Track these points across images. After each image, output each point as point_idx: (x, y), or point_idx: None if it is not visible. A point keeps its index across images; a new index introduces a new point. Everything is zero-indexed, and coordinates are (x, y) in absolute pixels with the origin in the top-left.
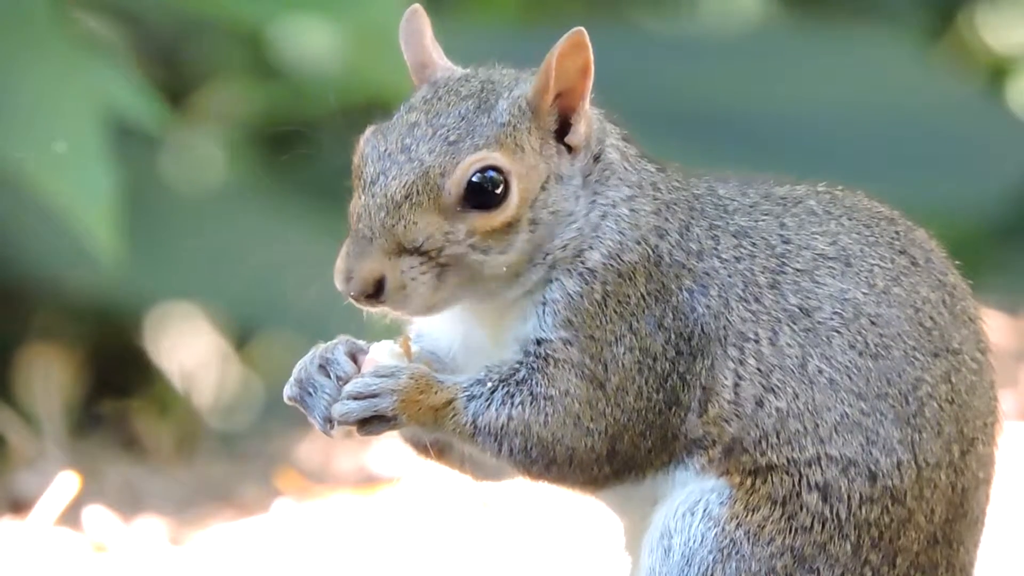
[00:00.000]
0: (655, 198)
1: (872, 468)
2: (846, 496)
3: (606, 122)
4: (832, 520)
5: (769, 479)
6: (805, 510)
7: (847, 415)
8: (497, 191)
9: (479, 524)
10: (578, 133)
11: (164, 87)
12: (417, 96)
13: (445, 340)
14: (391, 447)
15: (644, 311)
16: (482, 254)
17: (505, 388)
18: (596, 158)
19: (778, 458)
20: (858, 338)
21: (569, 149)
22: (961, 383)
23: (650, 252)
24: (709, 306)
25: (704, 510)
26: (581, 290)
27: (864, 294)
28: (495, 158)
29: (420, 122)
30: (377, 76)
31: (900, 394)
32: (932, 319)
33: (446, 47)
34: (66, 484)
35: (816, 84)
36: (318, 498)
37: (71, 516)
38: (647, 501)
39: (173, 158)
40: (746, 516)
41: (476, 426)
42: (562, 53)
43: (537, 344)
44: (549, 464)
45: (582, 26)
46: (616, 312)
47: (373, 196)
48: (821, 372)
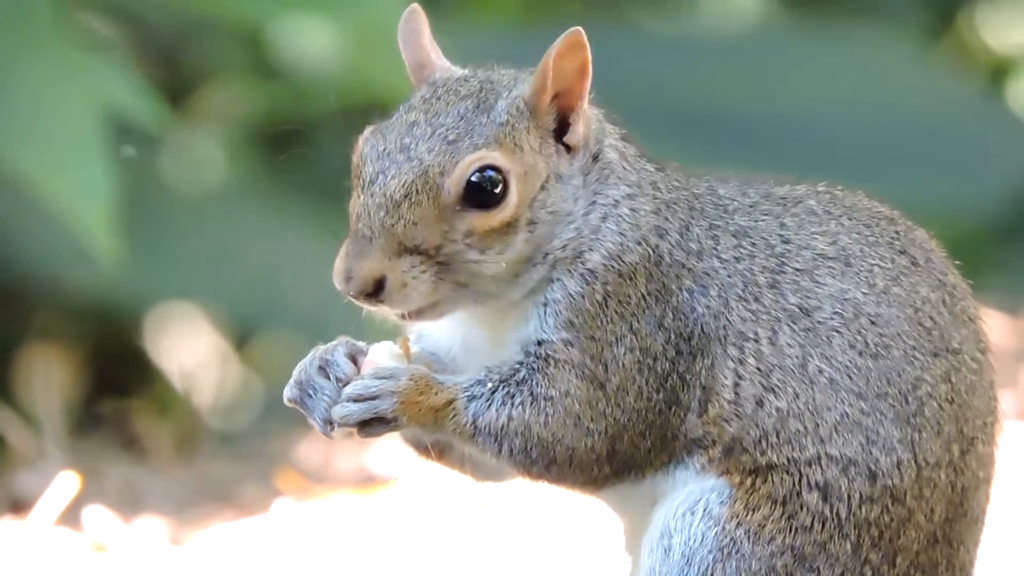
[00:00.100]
0: (655, 197)
1: (872, 467)
2: (846, 495)
3: (605, 122)
4: (832, 519)
5: (769, 478)
6: (805, 509)
7: (847, 415)
8: (496, 191)
9: (479, 524)
10: (576, 133)
11: (164, 87)
12: (416, 96)
13: (445, 341)
14: (391, 447)
15: (644, 311)
16: (481, 253)
17: (505, 388)
18: (595, 158)
19: (778, 458)
20: (858, 338)
21: (568, 149)
22: (961, 383)
23: (650, 252)
24: (709, 306)
25: (704, 509)
26: (582, 291)
27: (864, 294)
28: (494, 157)
29: (419, 122)
30: (377, 76)
31: (900, 394)
32: (932, 319)
33: (446, 47)
34: (66, 484)
35: (816, 84)
36: (318, 498)
37: (71, 516)
38: (647, 501)
39: (173, 158)
40: (746, 515)
41: (476, 426)
42: (559, 53)
43: (538, 345)
44: (549, 464)
45: (581, 26)
46: (617, 312)
47: (372, 196)
48: (821, 372)
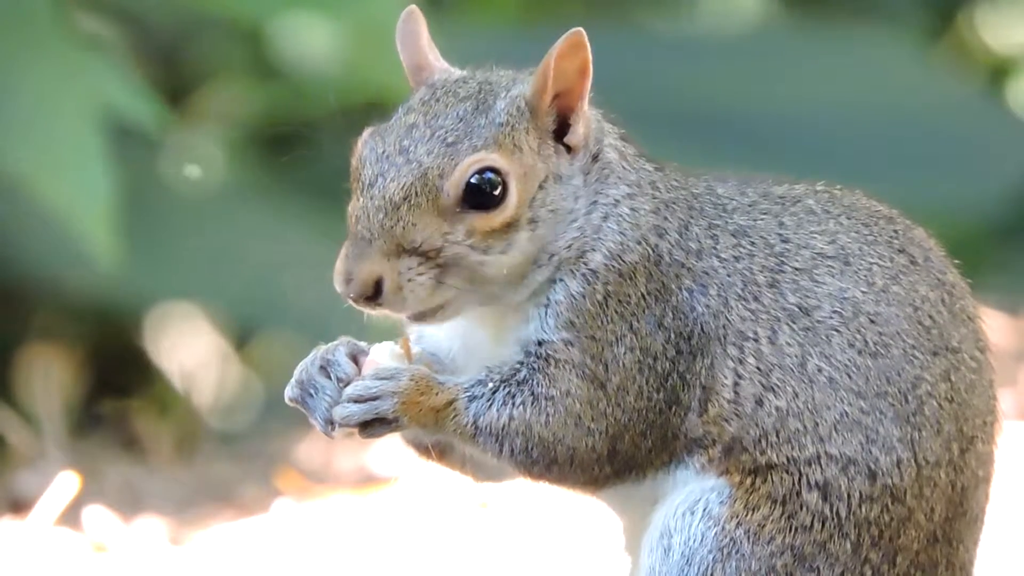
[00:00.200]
0: (654, 197)
1: (872, 466)
2: (846, 495)
3: (604, 121)
4: (832, 519)
5: (769, 478)
6: (805, 509)
7: (846, 414)
8: (495, 192)
9: (478, 525)
10: (577, 133)
11: (164, 87)
12: (415, 98)
13: (445, 341)
14: (391, 447)
15: (644, 311)
16: (482, 254)
17: (506, 388)
18: (595, 157)
19: (778, 457)
20: (857, 337)
21: (568, 149)
22: (960, 381)
23: (650, 252)
24: (708, 305)
25: (704, 509)
26: (584, 291)
27: (863, 293)
28: (493, 159)
29: (418, 124)
30: (377, 75)
31: (899, 392)
32: (931, 317)
33: (446, 48)
34: (66, 484)
35: (816, 84)
36: (318, 498)
37: (71, 516)
38: (647, 501)
39: (173, 158)
40: (746, 515)
41: (477, 426)
42: (560, 54)
43: (538, 345)
44: (550, 464)
45: (582, 26)
46: (617, 312)
47: (371, 198)
48: (820, 371)
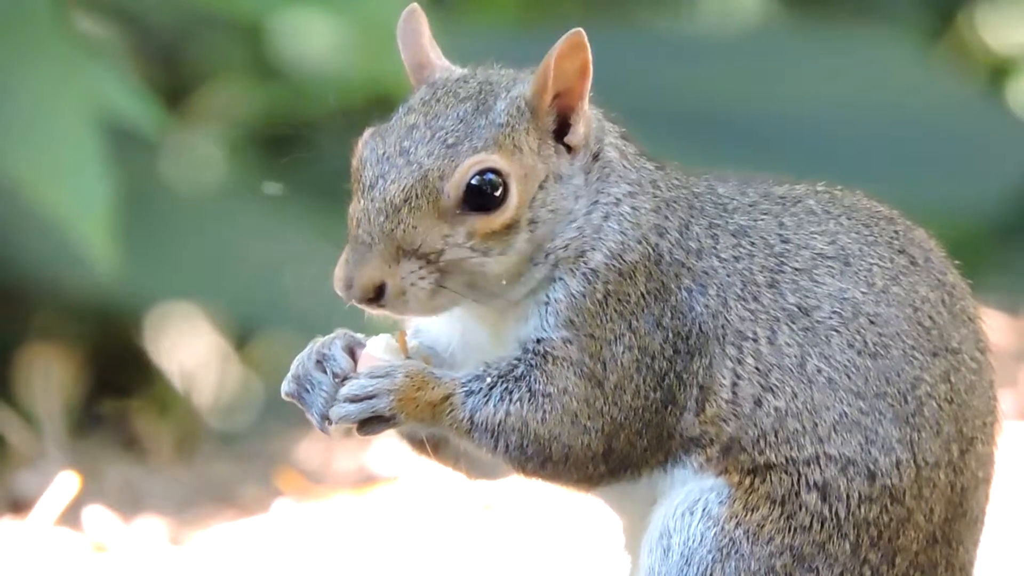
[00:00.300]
0: (655, 196)
1: (871, 467)
2: (845, 495)
3: (604, 121)
4: (831, 519)
5: (768, 478)
6: (804, 509)
7: (846, 414)
8: (496, 193)
9: (479, 525)
10: (577, 133)
11: (164, 87)
12: (415, 98)
13: (444, 337)
14: (391, 447)
15: (643, 310)
16: (482, 256)
17: (504, 384)
18: (595, 157)
19: (777, 457)
20: (857, 337)
21: (568, 149)
22: (960, 382)
23: (650, 251)
24: (707, 305)
25: (703, 509)
26: (584, 290)
27: (863, 293)
28: (494, 160)
29: (419, 124)
30: (378, 74)
31: (899, 393)
32: (931, 318)
33: (446, 47)
34: (66, 484)
35: (816, 84)
36: (318, 498)
37: (71, 516)
38: (646, 500)
39: (173, 158)
40: (745, 515)
41: (473, 422)
42: (560, 54)
43: (537, 342)
44: (544, 462)
45: (582, 26)
46: (616, 311)
47: (372, 200)
48: (820, 371)
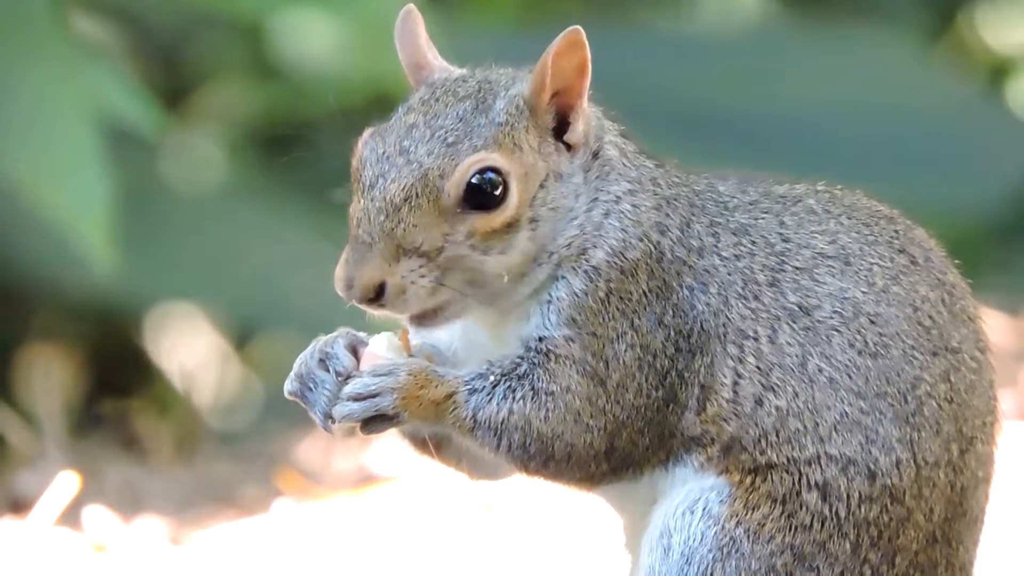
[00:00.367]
0: (655, 193)
1: (871, 467)
2: (845, 495)
3: (604, 119)
4: (831, 519)
5: (769, 477)
6: (805, 509)
7: (846, 414)
8: (496, 192)
9: (479, 525)
10: (576, 131)
11: (164, 87)
12: (415, 97)
13: (446, 336)
14: (391, 447)
15: (645, 308)
16: (483, 254)
17: (507, 383)
18: (595, 155)
19: (778, 457)
20: (857, 337)
21: (568, 147)
22: (960, 382)
23: (652, 248)
24: (709, 304)
25: (704, 508)
26: (586, 288)
27: (863, 293)
28: (493, 159)
29: (418, 124)
30: (378, 74)
31: (899, 393)
32: (931, 318)
33: (445, 47)
34: (66, 484)
35: (816, 84)
36: (318, 498)
37: (71, 516)
38: (647, 499)
39: (173, 158)
40: (746, 514)
41: (476, 420)
42: (558, 52)
43: (539, 341)
44: (547, 460)
45: (581, 25)
46: (618, 309)
47: (372, 200)
48: (821, 371)
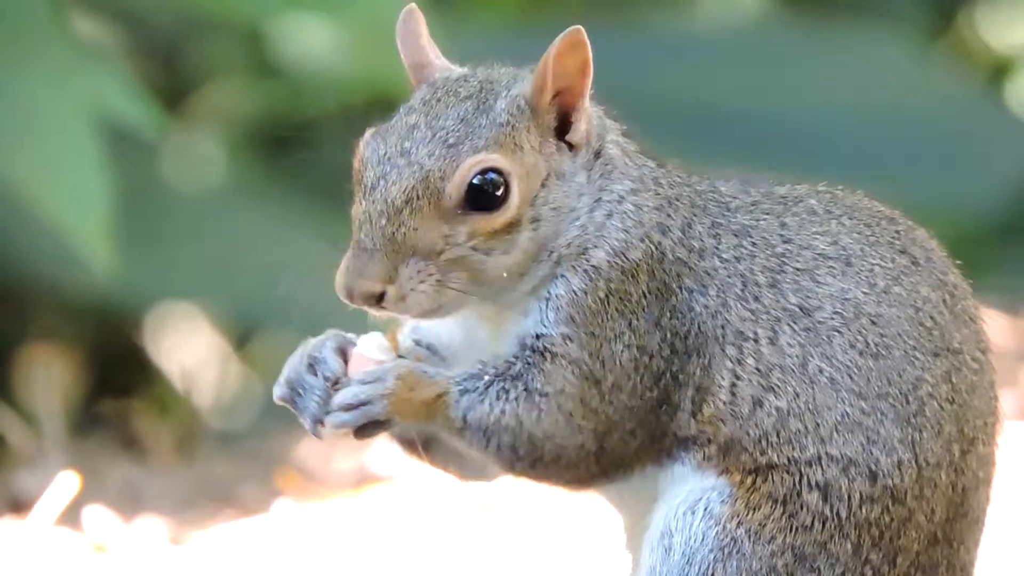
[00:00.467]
0: (657, 193)
1: (872, 467)
2: (847, 495)
3: (605, 118)
4: (833, 519)
5: (770, 478)
6: (806, 509)
7: (848, 414)
8: (498, 193)
9: (479, 525)
10: (578, 131)
11: (164, 87)
12: (416, 97)
13: (445, 334)
14: (390, 447)
15: (644, 309)
16: (484, 255)
17: (500, 383)
18: (597, 154)
19: (778, 457)
20: (858, 337)
21: (570, 146)
22: (962, 383)
23: (653, 249)
24: (707, 306)
25: (705, 509)
26: (585, 287)
27: (864, 293)
28: (495, 159)
29: (419, 124)
30: (378, 74)
31: (900, 393)
32: (932, 318)
33: (447, 47)
34: (66, 484)
35: (816, 84)
36: (318, 498)
37: (71, 516)
38: (647, 498)
39: (173, 158)
40: (747, 515)
41: (466, 420)
42: (559, 52)
43: (536, 338)
44: (535, 461)
45: (582, 25)
46: (617, 310)
47: (374, 202)
48: (821, 371)
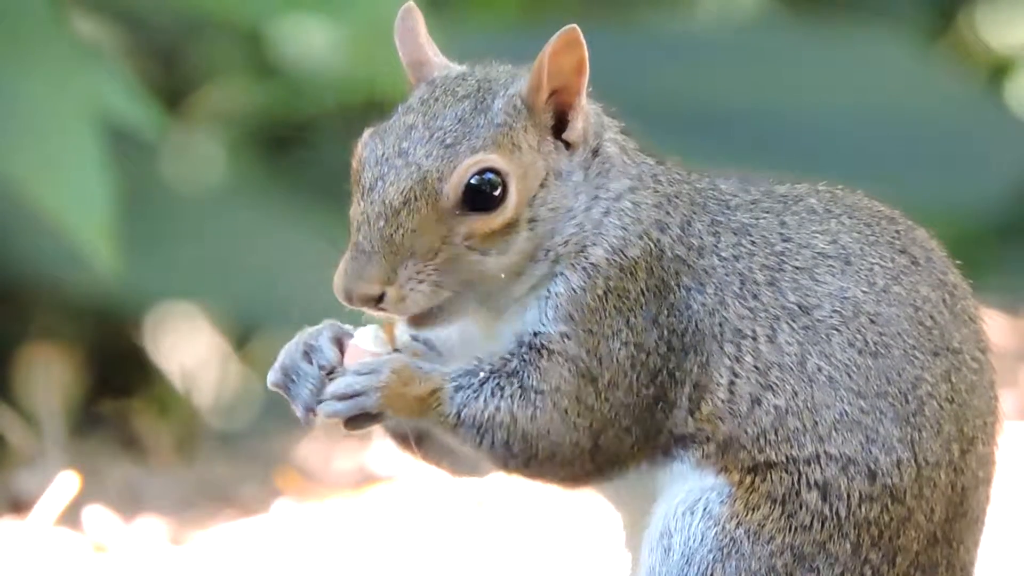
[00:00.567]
0: (656, 191)
1: (872, 466)
2: (846, 494)
3: (604, 116)
4: (832, 519)
5: (768, 477)
6: (805, 508)
7: (846, 413)
8: (495, 193)
9: (477, 524)
10: (575, 129)
11: (164, 87)
12: (414, 97)
13: (443, 331)
14: (390, 447)
15: (642, 307)
16: (482, 255)
17: (496, 380)
18: (595, 152)
19: (777, 456)
20: (858, 336)
21: (567, 145)
22: (961, 382)
23: (652, 247)
24: (704, 304)
25: (704, 509)
26: (584, 285)
27: (864, 292)
28: (492, 160)
29: (417, 125)
30: (378, 73)
31: (900, 392)
32: (932, 318)
33: (446, 47)
34: (66, 484)
35: (815, 83)
36: (318, 498)
37: (71, 516)
38: (646, 496)
39: (173, 158)
40: (746, 515)
41: (460, 417)
42: (555, 51)
43: (533, 336)
44: (529, 459)
45: (580, 24)
46: (615, 307)
47: (372, 203)
48: (820, 370)
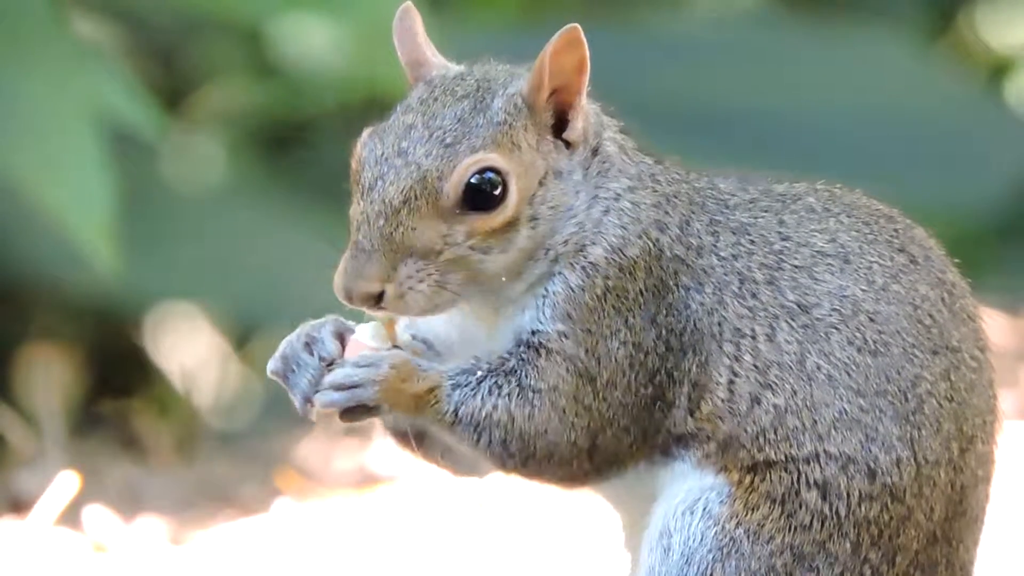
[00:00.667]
0: (655, 190)
1: (871, 465)
2: (845, 494)
3: (603, 115)
4: (831, 518)
5: (768, 476)
6: (804, 508)
7: (846, 412)
8: (496, 192)
9: (478, 524)
10: (575, 129)
11: (164, 87)
12: (413, 96)
13: (441, 330)
14: (390, 447)
15: (640, 306)
16: (482, 254)
17: (493, 378)
18: (594, 151)
19: (776, 454)
20: (857, 335)
21: (567, 144)
22: (960, 381)
23: (651, 246)
24: (703, 303)
25: (704, 509)
26: (583, 284)
27: (863, 291)
28: (492, 159)
29: (416, 124)
30: (378, 73)
31: (899, 391)
32: (931, 316)
33: (445, 47)
34: (66, 484)
35: (815, 83)
36: (318, 498)
37: (71, 516)
38: (646, 496)
39: (173, 158)
40: (746, 515)
41: (458, 415)
42: (556, 50)
43: (531, 334)
44: (527, 459)
45: (580, 24)
46: (614, 307)
47: (371, 203)
48: (819, 368)
